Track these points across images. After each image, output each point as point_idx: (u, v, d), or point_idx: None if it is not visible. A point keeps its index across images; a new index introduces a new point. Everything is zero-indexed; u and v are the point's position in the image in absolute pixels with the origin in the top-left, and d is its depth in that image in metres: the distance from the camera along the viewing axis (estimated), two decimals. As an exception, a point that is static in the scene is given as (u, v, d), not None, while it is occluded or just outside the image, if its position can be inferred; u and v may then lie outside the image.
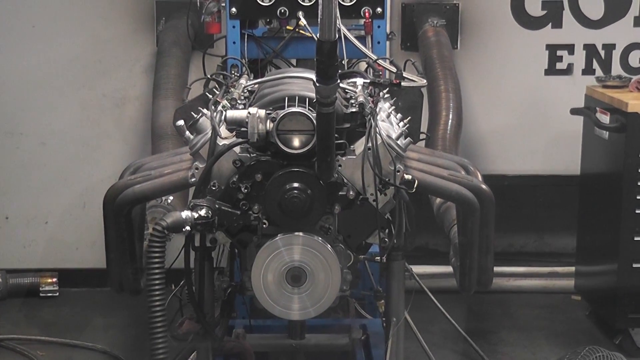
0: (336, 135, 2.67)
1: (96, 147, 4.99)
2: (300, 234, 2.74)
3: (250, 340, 3.52)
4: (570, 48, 4.92)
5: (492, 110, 4.99)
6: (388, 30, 4.22)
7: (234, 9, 3.97)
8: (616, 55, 4.91)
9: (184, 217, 2.67)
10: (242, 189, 2.75)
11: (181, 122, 2.87)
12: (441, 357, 4.18)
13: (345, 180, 2.77)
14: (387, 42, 4.18)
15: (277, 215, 2.73)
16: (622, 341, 4.32)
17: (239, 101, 3.00)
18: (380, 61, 3.44)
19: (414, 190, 2.80)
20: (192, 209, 2.71)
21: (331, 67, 2.47)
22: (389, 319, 3.09)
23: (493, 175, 4.73)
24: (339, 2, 3.80)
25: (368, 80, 3.14)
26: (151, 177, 2.91)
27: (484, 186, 2.87)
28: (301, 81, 2.97)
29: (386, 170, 2.78)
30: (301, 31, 4.03)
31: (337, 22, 2.44)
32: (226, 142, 2.79)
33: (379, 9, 3.97)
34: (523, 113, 4.99)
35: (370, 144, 2.76)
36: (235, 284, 3.14)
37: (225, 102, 3.01)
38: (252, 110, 2.71)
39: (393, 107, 3.15)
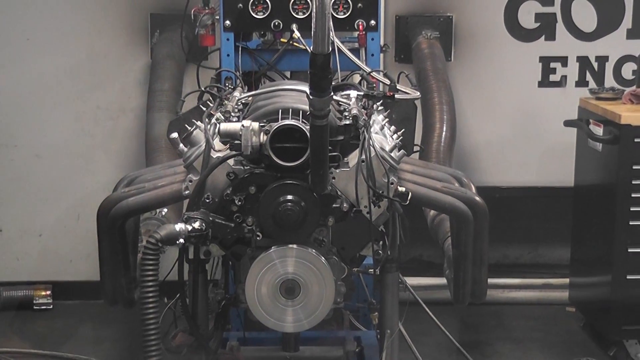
0: (330, 147, 2.67)
1: (90, 159, 4.98)
2: (294, 246, 2.74)
3: (244, 352, 3.52)
4: (563, 60, 4.93)
5: (486, 122, 4.99)
6: (382, 43, 4.24)
7: (228, 22, 3.98)
8: (609, 67, 4.92)
9: (177, 229, 2.67)
10: (236, 201, 2.76)
11: (175, 135, 2.88)
12: (435, 369, 4.19)
13: (339, 193, 2.78)
14: (381, 55, 4.19)
15: (271, 228, 2.74)
16: (617, 353, 4.31)
17: (232, 114, 3.00)
18: (374, 73, 3.45)
19: (408, 202, 2.81)
20: (186, 221, 2.71)
21: (325, 80, 2.48)
22: (383, 331, 3.09)
23: (487, 187, 4.72)
24: (332, 14, 3.81)
25: (362, 93, 3.14)
26: (145, 190, 2.92)
27: (477, 198, 2.87)
28: (295, 94, 2.98)
29: (380, 182, 2.79)
30: (295, 44, 4.04)
31: (331, 35, 2.45)
32: (220, 154, 2.79)
33: (372, 22, 3.98)
34: (517, 125, 5.00)
35: (364, 156, 2.76)
36: (230, 296, 3.14)
37: (219, 114, 3.01)
38: (246, 122, 2.72)
39: (387, 120, 3.16)
